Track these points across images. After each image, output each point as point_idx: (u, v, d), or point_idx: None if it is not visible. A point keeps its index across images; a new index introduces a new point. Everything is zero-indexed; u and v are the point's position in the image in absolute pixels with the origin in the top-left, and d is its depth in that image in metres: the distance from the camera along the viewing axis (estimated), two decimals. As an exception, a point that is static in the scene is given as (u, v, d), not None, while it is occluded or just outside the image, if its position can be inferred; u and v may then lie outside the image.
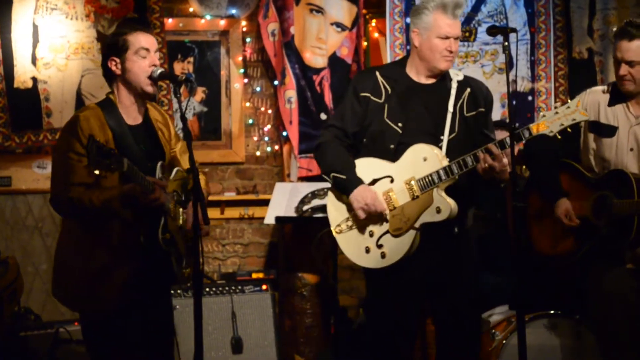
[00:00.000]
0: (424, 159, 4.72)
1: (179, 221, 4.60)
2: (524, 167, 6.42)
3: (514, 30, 4.72)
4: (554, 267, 5.67)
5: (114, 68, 4.48)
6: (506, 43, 4.58)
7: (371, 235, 4.83)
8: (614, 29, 7.22)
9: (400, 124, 4.81)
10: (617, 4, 7.49)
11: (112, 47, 4.50)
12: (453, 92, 4.86)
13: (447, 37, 4.77)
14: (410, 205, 4.74)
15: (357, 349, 6.29)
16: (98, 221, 4.38)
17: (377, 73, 4.96)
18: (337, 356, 6.43)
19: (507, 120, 5.67)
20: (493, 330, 5.70)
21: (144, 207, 4.31)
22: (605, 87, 5.31)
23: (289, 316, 7.16)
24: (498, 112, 7.30)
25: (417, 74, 4.91)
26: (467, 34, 7.39)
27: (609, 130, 5.21)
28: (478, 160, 4.61)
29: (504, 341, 5.57)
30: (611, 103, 5.23)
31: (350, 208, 4.87)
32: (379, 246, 4.80)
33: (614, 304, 5.13)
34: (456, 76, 4.92)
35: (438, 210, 4.68)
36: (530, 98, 7.42)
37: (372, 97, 4.89)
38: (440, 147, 4.77)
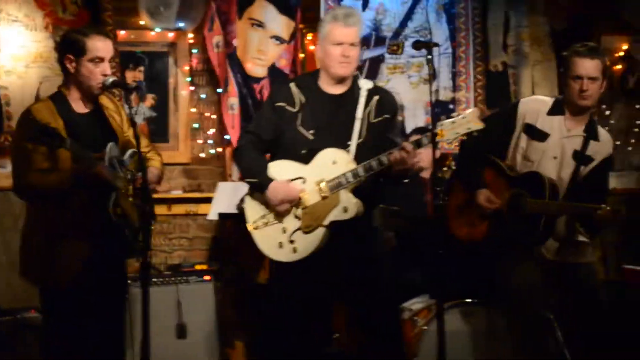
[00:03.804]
0: (333, 162, 4.75)
1: (131, 199, 4.56)
2: (444, 169, 6.45)
3: (437, 44, 4.86)
4: (470, 260, 5.66)
5: (68, 66, 4.48)
6: (430, 56, 4.63)
7: (284, 231, 4.82)
8: (527, 44, 7.38)
9: (312, 132, 4.83)
10: (529, 22, 7.61)
11: (70, 45, 4.46)
12: (362, 99, 4.86)
13: (341, 43, 4.77)
14: (320, 204, 4.77)
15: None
16: (55, 201, 4.38)
17: (292, 84, 4.97)
18: (270, 341, 6.37)
19: (429, 127, 5.70)
20: (415, 317, 5.71)
21: (91, 182, 4.31)
22: (549, 99, 5.35)
23: (229, 304, 7.12)
24: (422, 119, 7.45)
25: (327, 85, 4.92)
26: (395, 48, 7.46)
27: (541, 136, 5.23)
28: (382, 164, 4.66)
29: (425, 327, 5.56)
30: (550, 113, 5.24)
31: (265, 207, 4.88)
32: (291, 242, 4.81)
33: (521, 295, 5.18)
34: (365, 85, 4.92)
35: (345, 210, 4.74)
36: (451, 106, 7.49)
37: (287, 107, 4.89)
38: (349, 152, 4.79)
